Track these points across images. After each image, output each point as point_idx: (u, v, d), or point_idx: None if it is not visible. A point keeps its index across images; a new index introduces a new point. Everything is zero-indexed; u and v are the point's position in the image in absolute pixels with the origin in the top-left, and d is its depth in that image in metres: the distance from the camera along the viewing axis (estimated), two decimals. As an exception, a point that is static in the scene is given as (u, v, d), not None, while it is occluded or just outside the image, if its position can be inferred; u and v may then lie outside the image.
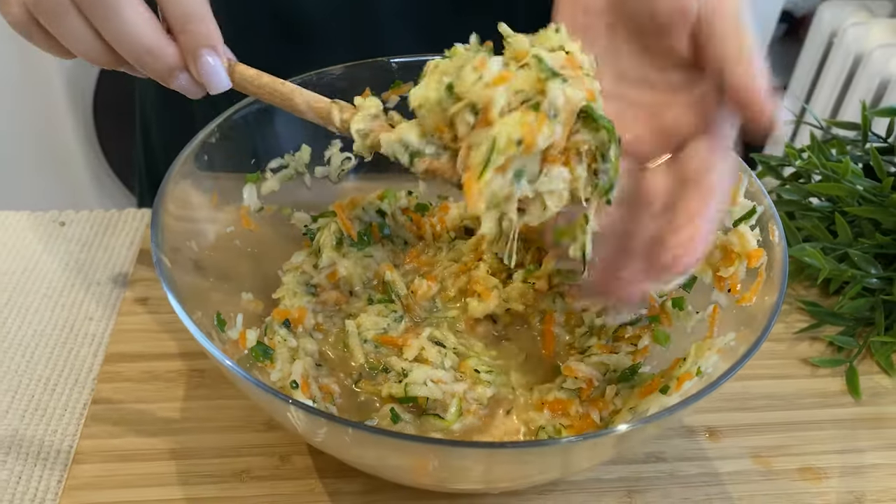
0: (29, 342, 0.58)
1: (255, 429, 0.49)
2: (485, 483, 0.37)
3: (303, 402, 0.32)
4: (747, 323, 0.41)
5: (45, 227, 0.67)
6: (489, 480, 0.37)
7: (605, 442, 0.34)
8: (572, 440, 0.34)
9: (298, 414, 0.33)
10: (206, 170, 0.46)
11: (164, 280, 0.38)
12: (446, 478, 0.37)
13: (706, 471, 0.48)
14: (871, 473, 0.49)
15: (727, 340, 0.41)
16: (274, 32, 0.64)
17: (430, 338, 0.47)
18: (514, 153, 0.34)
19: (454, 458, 0.33)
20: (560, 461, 0.35)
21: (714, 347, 0.41)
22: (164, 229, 0.41)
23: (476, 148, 0.34)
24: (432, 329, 0.48)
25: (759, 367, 0.55)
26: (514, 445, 0.37)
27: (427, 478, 0.37)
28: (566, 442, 0.34)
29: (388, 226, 0.54)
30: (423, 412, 0.44)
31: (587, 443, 0.33)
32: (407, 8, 0.62)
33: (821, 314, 0.58)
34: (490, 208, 0.35)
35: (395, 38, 0.63)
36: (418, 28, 0.63)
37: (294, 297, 0.48)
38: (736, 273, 0.44)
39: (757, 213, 0.44)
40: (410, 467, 0.36)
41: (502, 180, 0.35)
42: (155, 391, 0.51)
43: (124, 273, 0.62)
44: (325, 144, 0.53)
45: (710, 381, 0.36)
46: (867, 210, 0.57)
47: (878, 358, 0.55)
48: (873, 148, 0.59)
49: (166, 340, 0.54)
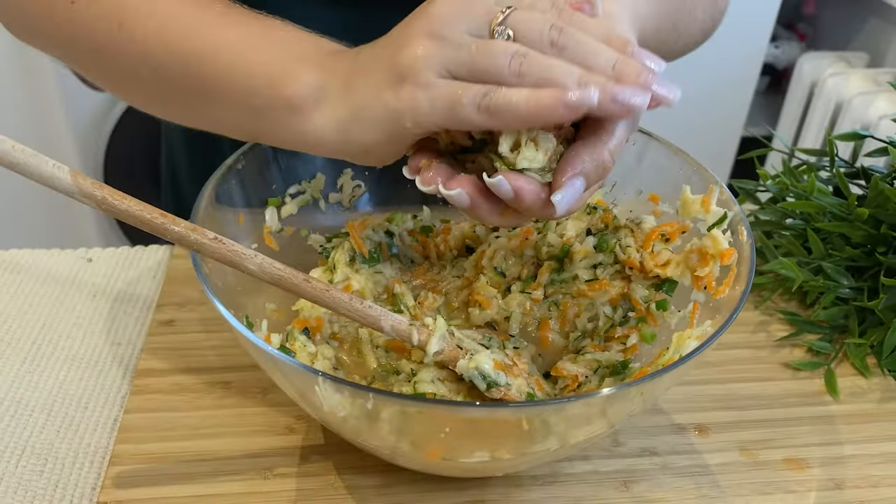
0: (61, 366, 0.62)
1: (278, 433, 0.53)
2: (490, 451, 0.41)
3: (330, 375, 0.36)
4: (721, 311, 0.46)
5: (74, 263, 0.72)
6: (494, 449, 0.41)
7: (597, 402, 0.38)
8: (568, 399, 0.38)
9: (325, 386, 0.37)
10: (233, 192, 0.51)
11: (205, 282, 0.42)
12: (455, 447, 0.41)
13: (696, 463, 0.52)
14: (850, 463, 0.53)
15: (704, 328, 0.46)
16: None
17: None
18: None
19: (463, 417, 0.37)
20: (558, 423, 0.39)
21: (693, 335, 0.45)
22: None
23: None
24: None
25: (744, 371, 0.59)
26: (517, 405, 0.41)
27: (439, 446, 0.41)
28: (560, 402, 0.39)
29: (396, 245, 0.59)
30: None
31: (580, 402, 0.37)
32: None
33: (799, 323, 0.62)
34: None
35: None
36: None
37: (312, 308, 0.53)
38: (711, 272, 0.49)
39: (728, 218, 0.49)
40: (425, 435, 0.40)
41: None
42: (183, 401, 0.55)
43: (150, 302, 0.66)
44: (337, 173, 0.58)
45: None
46: (837, 225, 0.62)
47: (854, 360, 0.59)
48: (838, 169, 0.65)
49: (193, 357, 0.58)
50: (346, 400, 0.38)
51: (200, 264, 0.44)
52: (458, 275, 0.58)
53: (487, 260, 0.57)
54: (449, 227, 0.60)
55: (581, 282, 0.54)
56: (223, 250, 0.43)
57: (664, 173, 0.55)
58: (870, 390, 0.58)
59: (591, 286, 0.54)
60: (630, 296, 0.53)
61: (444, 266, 0.59)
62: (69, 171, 0.40)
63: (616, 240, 0.54)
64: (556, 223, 0.56)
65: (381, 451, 0.45)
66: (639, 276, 0.53)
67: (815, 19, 2.09)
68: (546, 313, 0.55)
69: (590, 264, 0.55)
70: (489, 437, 0.40)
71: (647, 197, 0.56)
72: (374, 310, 0.46)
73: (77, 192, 0.41)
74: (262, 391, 0.56)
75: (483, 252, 0.57)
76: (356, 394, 0.37)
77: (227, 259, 0.44)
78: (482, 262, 0.57)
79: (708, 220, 0.50)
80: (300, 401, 0.44)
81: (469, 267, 0.58)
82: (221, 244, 0.43)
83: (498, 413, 0.38)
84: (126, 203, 0.42)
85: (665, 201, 0.55)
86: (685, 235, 0.52)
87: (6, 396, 0.58)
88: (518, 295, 0.55)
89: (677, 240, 0.53)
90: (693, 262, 0.50)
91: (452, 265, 0.59)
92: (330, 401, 0.39)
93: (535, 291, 0.55)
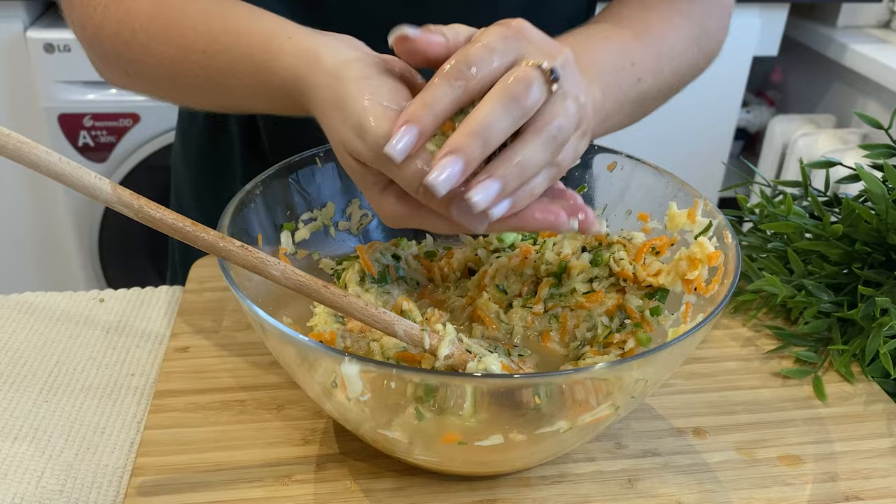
0: (78, 395, 0.64)
1: (294, 444, 0.55)
2: (504, 433, 0.43)
3: (356, 355, 0.39)
4: (711, 305, 0.49)
5: (87, 303, 0.74)
6: (508, 430, 0.43)
7: (601, 374, 0.41)
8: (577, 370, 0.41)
9: (351, 365, 0.40)
10: (252, 215, 0.55)
11: (232, 283, 0.45)
12: (471, 430, 0.43)
13: (696, 461, 0.55)
14: (841, 458, 0.55)
15: (696, 322, 0.49)
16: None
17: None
18: None
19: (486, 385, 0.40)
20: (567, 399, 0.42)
21: (688, 329, 0.48)
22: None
23: None
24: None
25: (737, 380, 0.62)
26: (532, 375, 0.44)
27: (456, 431, 0.44)
28: (569, 373, 0.41)
29: (402, 268, 0.62)
30: (443, 411, 0.51)
31: (586, 372, 0.40)
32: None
33: (786, 336, 0.66)
34: None
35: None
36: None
37: (325, 325, 0.56)
38: (700, 275, 0.52)
39: (713, 226, 0.53)
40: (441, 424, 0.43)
41: None
42: (201, 418, 0.57)
43: (161, 336, 0.69)
44: (346, 201, 0.62)
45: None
46: (814, 244, 0.67)
47: (839, 368, 0.63)
48: (813, 195, 0.69)
49: (208, 379, 0.61)
50: (372, 379, 0.41)
51: (229, 272, 0.47)
52: (461, 294, 0.61)
53: (489, 278, 0.60)
54: (452, 251, 0.64)
55: (579, 294, 0.58)
56: (250, 257, 0.47)
57: (651, 193, 0.59)
58: (856, 394, 0.61)
59: (589, 298, 0.57)
60: (625, 305, 0.57)
61: (448, 287, 0.62)
62: (109, 183, 0.44)
63: (610, 254, 0.58)
64: (553, 242, 0.60)
65: (398, 444, 0.47)
66: (632, 286, 0.57)
67: (783, 85, 2.20)
68: (546, 325, 0.58)
69: (586, 278, 0.58)
70: (503, 417, 0.43)
71: (636, 216, 0.60)
72: (388, 315, 0.49)
73: (117, 201, 0.44)
74: (277, 407, 0.58)
75: (485, 271, 0.61)
76: (381, 372, 0.40)
77: (252, 265, 0.47)
78: (484, 281, 0.60)
79: (695, 230, 0.54)
80: (322, 397, 0.47)
81: (472, 286, 0.61)
82: (248, 252, 0.47)
83: (514, 382, 0.41)
84: (161, 213, 0.45)
85: (654, 218, 0.59)
86: (673, 247, 0.56)
87: (24, 423, 0.60)
88: (520, 309, 0.58)
89: (666, 252, 0.57)
90: (683, 269, 0.54)
91: (456, 286, 0.62)
92: (354, 386, 0.41)
93: (535, 306, 0.58)
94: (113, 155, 1.69)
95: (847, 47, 1.86)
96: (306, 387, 0.48)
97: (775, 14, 1.84)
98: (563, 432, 0.44)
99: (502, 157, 0.44)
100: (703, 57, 0.71)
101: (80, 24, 0.63)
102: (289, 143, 0.63)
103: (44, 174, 0.43)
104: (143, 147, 1.69)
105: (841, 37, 1.90)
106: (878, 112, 1.88)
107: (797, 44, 2.02)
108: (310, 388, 0.47)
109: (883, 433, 0.58)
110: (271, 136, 0.77)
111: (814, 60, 2.04)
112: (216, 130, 0.79)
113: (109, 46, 0.60)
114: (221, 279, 0.72)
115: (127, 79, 0.63)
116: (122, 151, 1.68)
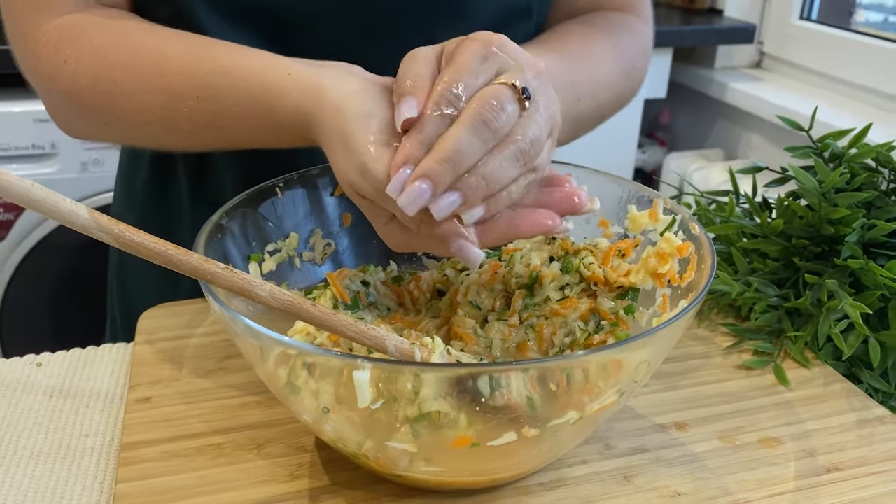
0: (28, 462, 0.59)
1: (282, 480, 0.52)
2: (516, 429, 0.43)
3: (371, 357, 0.38)
4: (694, 290, 0.51)
5: (23, 369, 0.69)
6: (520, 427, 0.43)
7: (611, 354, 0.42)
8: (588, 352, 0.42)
9: (364, 369, 0.39)
10: (222, 246, 0.53)
11: (220, 303, 0.44)
12: (484, 430, 0.43)
13: (684, 453, 0.56)
14: (815, 435, 0.58)
15: (682, 306, 0.51)
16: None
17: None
18: None
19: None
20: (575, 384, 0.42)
21: (672, 315, 0.50)
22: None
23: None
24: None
25: (703, 376, 0.64)
26: (547, 359, 0.44)
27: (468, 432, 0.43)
28: (578, 355, 0.42)
29: (372, 294, 0.61)
30: (438, 427, 0.50)
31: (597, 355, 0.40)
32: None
33: (741, 332, 0.69)
34: None
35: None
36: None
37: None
38: (672, 268, 0.54)
39: (677, 221, 0.55)
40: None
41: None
42: (177, 465, 0.54)
43: (112, 395, 0.65)
44: (309, 231, 0.61)
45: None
46: (755, 243, 0.70)
47: (795, 355, 0.66)
48: (749, 198, 0.74)
49: (177, 427, 0.57)
50: (387, 380, 0.40)
51: (214, 293, 0.45)
52: (434, 315, 0.61)
53: (462, 296, 0.60)
54: (419, 275, 0.63)
55: (553, 302, 0.59)
56: (235, 279, 0.45)
57: (608, 199, 0.61)
58: (814, 378, 0.64)
59: (563, 304, 0.58)
60: (598, 308, 0.58)
61: (419, 310, 0.62)
62: (86, 209, 0.42)
63: (580, 260, 0.59)
64: (521, 255, 0.61)
65: (402, 459, 0.46)
66: (604, 289, 0.58)
67: (672, 126, 2.34)
68: (524, 336, 0.59)
69: (558, 286, 0.59)
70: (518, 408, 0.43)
71: (597, 223, 0.62)
72: (378, 331, 0.48)
73: (95, 227, 0.42)
74: (256, 447, 0.55)
75: (457, 290, 0.61)
76: (397, 371, 0.39)
77: (237, 287, 0.45)
78: (457, 299, 0.60)
79: (658, 228, 0.57)
80: (319, 419, 0.45)
81: (444, 306, 0.61)
82: (233, 273, 0.45)
83: (533, 365, 0.41)
84: (141, 237, 0.43)
85: (615, 224, 0.61)
86: (638, 248, 0.58)
87: (-28, 496, 0.55)
88: (495, 323, 0.59)
89: (632, 254, 0.59)
90: (652, 265, 0.56)
91: (427, 308, 0.62)
92: (364, 394, 0.40)
93: (510, 318, 0.59)
94: (11, 234, 1.60)
95: (726, 86, 2.00)
96: (301, 410, 0.46)
97: (660, 59, 1.97)
98: (572, 423, 0.44)
99: (470, 171, 0.46)
100: (630, 91, 0.76)
101: (49, 76, 0.60)
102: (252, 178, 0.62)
103: (16, 202, 0.40)
104: (45, 224, 1.61)
105: (720, 77, 2.05)
106: (760, 141, 2.02)
107: (681, 86, 2.16)
108: (306, 410, 0.46)
109: (846, 409, 0.61)
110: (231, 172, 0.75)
111: (697, 100, 2.18)
112: (164, 178, 0.77)
113: (88, 98, 0.58)
114: (173, 329, 0.69)
115: (104, 129, 0.61)
116: (22, 229, 1.60)
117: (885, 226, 0.64)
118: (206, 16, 0.65)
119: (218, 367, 0.64)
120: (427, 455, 0.45)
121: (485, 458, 0.46)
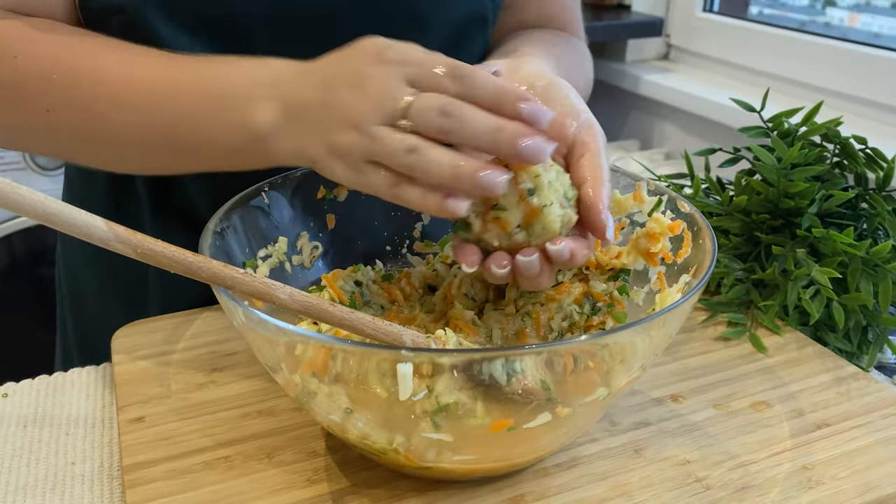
0: (15, 495, 0.56)
1: (300, 486, 0.52)
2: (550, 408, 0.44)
3: (413, 347, 0.38)
4: (695, 264, 0.53)
5: (-11, 401, 0.65)
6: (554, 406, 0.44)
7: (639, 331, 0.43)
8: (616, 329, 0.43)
9: (408, 355, 0.39)
10: (219, 252, 0.52)
11: (237, 302, 0.43)
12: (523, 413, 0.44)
13: (685, 423, 0.58)
14: (800, 396, 0.61)
15: (685, 281, 0.53)
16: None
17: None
18: None
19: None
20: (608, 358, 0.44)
21: (674, 291, 0.52)
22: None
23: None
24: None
25: (686, 350, 0.67)
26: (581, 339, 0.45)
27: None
28: (608, 333, 0.44)
29: (366, 293, 0.61)
30: (456, 419, 0.50)
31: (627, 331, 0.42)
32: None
33: (713, 305, 0.72)
34: None
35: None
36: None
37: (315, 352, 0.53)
38: (664, 246, 0.57)
39: (664, 201, 0.58)
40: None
41: None
42: (188, 482, 0.52)
43: (91, 419, 0.62)
44: (296, 235, 0.61)
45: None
46: (718, 220, 0.74)
47: (767, 323, 0.69)
48: (710, 178, 0.77)
49: (179, 444, 0.55)
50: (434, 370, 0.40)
51: (234, 296, 0.44)
52: (428, 310, 0.61)
53: (456, 289, 0.61)
54: (408, 272, 0.64)
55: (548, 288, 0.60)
56: (255, 283, 0.44)
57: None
58: (787, 343, 0.68)
59: (557, 290, 0.60)
60: (591, 291, 0.60)
61: (412, 306, 0.62)
62: (103, 220, 0.40)
63: (569, 245, 0.60)
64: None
65: (432, 449, 0.46)
66: (595, 272, 0.60)
67: (587, 120, 2.40)
68: (521, 324, 0.60)
69: (551, 272, 0.61)
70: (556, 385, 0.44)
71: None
72: (394, 327, 0.48)
73: (113, 238, 0.40)
74: (266, 456, 0.54)
75: (450, 284, 0.61)
76: (447, 358, 0.39)
77: (258, 291, 0.45)
78: (451, 293, 0.61)
79: (644, 209, 0.59)
80: (344, 417, 0.45)
81: (438, 301, 0.61)
82: (253, 278, 0.44)
83: (581, 347, 0.42)
84: (160, 246, 0.42)
85: (597, 208, 0.63)
86: (625, 230, 0.60)
87: (-37, 538, 0.52)
88: (493, 313, 0.59)
89: (619, 237, 0.61)
90: (643, 246, 0.58)
91: (421, 304, 0.62)
92: (407, 384, 0.40)
93: (507, 307, 0.60)
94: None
95: (639, 78, 2.07)
96: (329, 410, 0.46)
97: (575, 54, 2.02)
98: (602, 399, 0.45)
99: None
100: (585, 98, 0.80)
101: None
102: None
103: (30, 216, 0.38)
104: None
105: (631, 70, 2.12)
106: (673, 130, 2.11)
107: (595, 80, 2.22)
108: (334, 409, 0.45)
109: (822, 370, 0.64)
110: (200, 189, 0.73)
111: (612, 94, 2.25)
112: (122, 194, 0.74)
113: (62, 119, 0.58)
114: (152, 346, 0.67)
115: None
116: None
117: (842, 195, 0.68)
118: (162, 25, 0.63)
119: (208, 380, 0.62)
120: (461, 443, 0.46)
121: (518, 441, 0.46)
